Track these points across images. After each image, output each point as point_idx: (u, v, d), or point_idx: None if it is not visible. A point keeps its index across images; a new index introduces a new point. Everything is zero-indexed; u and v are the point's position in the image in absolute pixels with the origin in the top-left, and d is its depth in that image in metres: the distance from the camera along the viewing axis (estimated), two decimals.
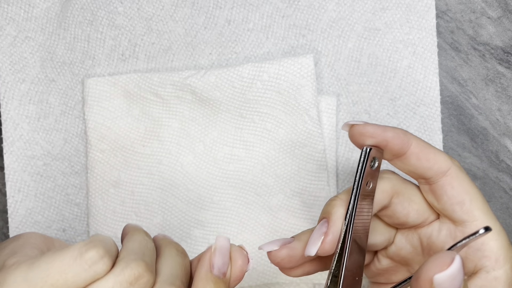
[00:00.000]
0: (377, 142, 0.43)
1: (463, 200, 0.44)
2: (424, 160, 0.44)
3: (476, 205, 0.44)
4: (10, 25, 0.59)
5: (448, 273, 0.36)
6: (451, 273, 0.36)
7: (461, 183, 0.44)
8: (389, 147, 0.43)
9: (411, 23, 0.57)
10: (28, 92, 0.59)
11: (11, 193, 0.59)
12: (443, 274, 0.36)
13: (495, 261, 0.44)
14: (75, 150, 0.59)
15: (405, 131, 0.44)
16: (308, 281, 0.57)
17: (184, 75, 0.57)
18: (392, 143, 0.43)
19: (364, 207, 0.43)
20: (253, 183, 0.58)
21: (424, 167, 0.44)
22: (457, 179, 0.44)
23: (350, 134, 0.44)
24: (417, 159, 0.44)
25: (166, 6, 0.59)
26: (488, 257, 0.44)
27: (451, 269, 0.36)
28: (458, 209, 0.44)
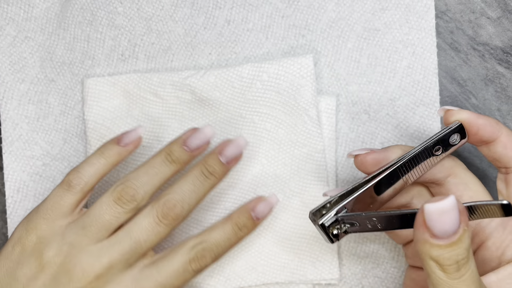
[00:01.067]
0: (466, 127, 0.47)
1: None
2: (510, 149, 0.46)
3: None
4: (10, 25, 0.59)
5: (438, 206, 0.39)
6: (440, 207, 0.39)
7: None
8: (479, 134, 0.46)
9: (411, 23, 0.57)
10: (27, 92, 0.59)
11: (10, 193, 0.59)
12: (432, 204, 0.39)
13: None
14: (75, 150, 0.59)
15: (497, 121, 0.47)
16: (308, 281, 0.57)
17: (184, 75, 0.57)
18: (483, 130, 0.46)
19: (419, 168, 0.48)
20: (253, 183, 0.57)
21: (509, 156, 0.46)
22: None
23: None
24: (504, 147, 0.46)
25: (166, 6, 0.58)
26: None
27: (441, 203, 0.39)
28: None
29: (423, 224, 0.40)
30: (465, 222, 0.40)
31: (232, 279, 0.57)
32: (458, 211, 0.40)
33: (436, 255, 0.40)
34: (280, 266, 0.57)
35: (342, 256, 0.58)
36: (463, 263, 0.41)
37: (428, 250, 0.41)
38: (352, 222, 0.47)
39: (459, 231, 0.40)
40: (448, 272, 0.41)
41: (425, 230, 0.40)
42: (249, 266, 0.57)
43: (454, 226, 0.40)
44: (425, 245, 0.41)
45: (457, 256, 0.40)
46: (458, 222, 0.40)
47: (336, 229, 0.47)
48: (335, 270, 0.57)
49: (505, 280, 0.45)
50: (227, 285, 0.57)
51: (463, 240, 0.40)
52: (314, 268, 0.57)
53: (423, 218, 0.40)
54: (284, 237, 0.57)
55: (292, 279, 0.57)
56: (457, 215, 0.39)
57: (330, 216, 0.47)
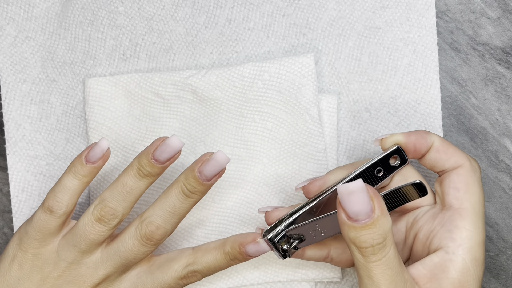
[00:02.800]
0: (403, 147, 0.50)
1: (460, 188, 0.48)
2: (442, 152, 0.49)
3: (468, 199, 0.48)
4: (10, 25, 0.59)
5: (346, 186, 0.43)
6: (348, 187, 0.43)
7: (467, 176, 0.49)
8: (417, 148, 0.49)
9: (411, 21, 0.57)
10: (29, 92, 0.59)
11: (15, 193, 0.59)
12: (342, 185, 0.43)
13: (458, 246, 0.47)
14: (77, 150, 0.59)
15: (426, 131, 0.50)
16: (310, 279, 0.57)
17: (185, 74, 0.57)
18: (419, 144, 0.49)
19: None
20: (254, 183, 0.57)
21: (442, 159, 0.49)
22: (466, 173, 0.49)
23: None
24: (437, 152, 0.49)
25: (167, 5, 0.58)
26: (453, 240, 0.47)
27: (349, 183, 0.43)
28: (452, 192, 0.49)
29: (339, 205, 0.44)
30: (380, 208, 0.43)
31: (234, 277, 0.57)
32: (367, 194, 0.43)
33: (353, 237, 0.44)
34: (282, 265, 0.57)
35: None
36: (379, 248, 0.43)
37: (346, 232, 0.44)
38: (299, 236, 0.49)
39: (373, 215, 0.43)
40: (364, 254, 0.44)
41: (341, 211, 0.44)
42: (251, 264, 0.57)
43: (366, 209, 0.43)
44: (343, 227, 0.44)
45: (372, 240, 0.43)
46: (370, 205, 0.43)
47: (285, 244, 0.50)
48: (337, 269, 0.56)
49: (431, 270, 0.47)
50: (229, 283, 0.57)
51: (377, 225, 0.43)
52: (316, 267, 0.56)
53: (338, 199, 0.44)
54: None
55: (294, 278, 0.57)
56: (366, 197, 0.43)
57: (279, 231, 0.50)
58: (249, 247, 0.51)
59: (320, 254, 0.52)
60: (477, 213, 0.48)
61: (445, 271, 0.46)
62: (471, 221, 0.47)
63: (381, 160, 0.50)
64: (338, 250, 0.52)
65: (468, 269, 0.46)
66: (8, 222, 0.60)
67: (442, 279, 0.46)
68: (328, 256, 0.52)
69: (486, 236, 0.58)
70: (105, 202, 0.51)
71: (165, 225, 0.51)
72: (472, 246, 0.47)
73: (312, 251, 0.52)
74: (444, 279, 0.46)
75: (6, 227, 0.60)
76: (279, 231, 0.50)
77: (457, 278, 0.46)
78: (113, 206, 0.51)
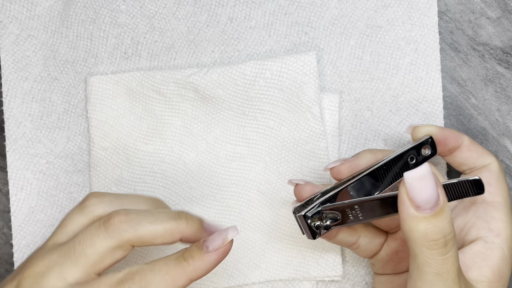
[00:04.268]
0: (435, 139, 0.51)
1: (492, 183, 0.50)
2: (473, 151, 0.51)
3: (501, 193, 0.50)
4: (13, 23, 0.59)
5: (416, 171, 0.41)
6: (419, 172, 0.41)
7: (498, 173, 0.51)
8: (447, 142, 0.51)
9: (413, 20, 0.57)
10: (31, 90, 0.59)
11: (14, 192, 0.58)
12: (411, 172, 0.41)
13: (496, 235, 0.49)
14: (78, 148, 0.59)
15: (457, 130, 0.52)
16: (311, 278, 0.57)
17: (187, 73, 0.57)
18: (450, 139, 0.51)
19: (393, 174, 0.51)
20: (256, 181, 0.57)
21: (473, 157, 0.51)
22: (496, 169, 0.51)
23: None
24: (467, 150, 0.51)
25: (169, 4, 0.58)
26: (492, 230, 0.49)
27: (418, 169, 0.41)
28: (485, 187, 0.48)
29: (407, 195, 0.41)
30: (443, 194, 0.42)
31: (236, 276, 0.56)
32: (434, 179, 0.41)
33: (424, 229, 0.41)
34: (283, 263, 0.56)
35: (346, 253, 0.57)
36: (450, 238, 0.42)
37: (415, 226, 0.41)
38: (334, 216, 0.48)
39: (440, 201, 0.41)
40: (436, 248, 0.42)
41: (409, 203, 0.41)
42: (253, 263, 0.57)
43: (434, 195, 0.41)
44: (412, 221, 0.42)
45: (444, 230, 0.41)
46: (437, 190, 0.41)
47: (318, 221, 0.48)
48: (338, 267, 0.56)
49: (472, 258, 0.48)
50: (231, 282, 0.57)
51: (445, 211, 0.42)
52: (317, 265, 0.56)
53: (405, 190, 0.41)
54: (287, 234, 0.57)
55: (295, 276, 0.56)
56: (434, 183, 0.41)
57: (313, 208, 0.48)
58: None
59: (350, 239, 0.51)
60: (508, 207, 0.50)
61: (485, 259, 0.47)
62: (505, 213, 0.50)
63: (415, 147, 0.50)
64: (366, 239, 0.52)
65: (505, 257, 0.48)
66: (8, 222, 0.59)
67: (483, 267, 0.47)
68: (356, 243, 0.52)
69: None
70: None
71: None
72: (508, 236, 0.49)
73: (344, 235, 0.51)
74: (485, 267, 0.47)
75: (6, 227, 0.60)
76: (313, 207, 0.48)
77: (496, 265, 0.47)
78: None
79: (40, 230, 0.58)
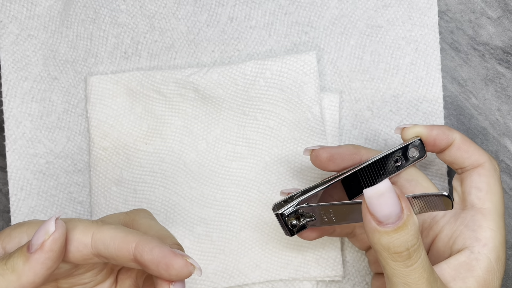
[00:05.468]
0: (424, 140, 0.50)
1: (482, 188, 0.49)
2: (463, 151, 0.49)
3: (490, 199, 0.48)
4: (13, 23, 0.58)
5: (374, 188, 0.41)
6: (377, 189, 0.41)
7: (488, 176, 0.49)
8: (437, 143, 0.50)
9: (413, 20, 0.57)
10: (30, 90, 0.58)
11: (14, 192, 0.58)
12: (370, 188, 0.41)
13: (483, 245, 0.47)
14: (78, 148, 0.59)
15: (449, 127, 0.50)
16: (312, 278, 0.56)
17: (187, 72, 0.56)
18: (439, 140, 0.49)
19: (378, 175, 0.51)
20: (256, 181, 0.57)
21: (463, 157, 0.49)
22: (487, 172, 0.49)
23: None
24: (458, 149, 0.49)
25: (169, 3, 0.58)
26: (478, 240, 0.47)
27: (377, 185, 0.41)
28: (474, 192, 0.49)
29: (368, 211, 0.42)
30: (408, 208, 0.42)
31: (236, 276, 0.56)
32: (396, 195, 0.41)
33: (386, 243, 0.42)
34: (283, 263, 0.56)
35: (346, 253, 0.57)
36: (414, 250, 0.42)
37: (378, 239, 0.42)
38: (310, 215, 0.49)
39: (403, 216, 0.41)
40: (400, 260, 0.42)
41: (370, 217, 0.42)
42: (253, 263, 0.56)
43: (396, 210, 0.41)
44: (374, 235, 0.42)
45: (407, 243, 0.41)
46: (399, 205, 0.41)
47: (295, 220, 0.49)
48: (338, 267, 0.56)
49: (457, 269, 0.47)
50: (231, 282, 0.56)
51: (408, 225, 0.41)
52: (317, 265, 0.56)
53: (366, 205, 0.42)
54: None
55: (295, 276, 0.56)
56: (395, 198, 0.41)
57: (290, 207, 0.49)
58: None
59: (347, 230, 0.52)
60: (498, 213, 0.48)
61: (471, 270, 0.46)
62: (493, 221, 0.48)
63: (401, 149, 0.50)
64: (362, 228, 0.52)
65: (492, 268, 0.47)
66: (8, 222, 0.59)
67: (468, 278, 0.46)
68: (353, 232, 0.52)
69: None
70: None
71: None
72: (496, 245, 0.47)
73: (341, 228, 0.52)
74: (470, 278, 0.46)
75: (6, 227, 0.59)
76: (291, 207, 0.49)
77: (482, 276, 0.46)
78: None
79: None
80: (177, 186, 0.57)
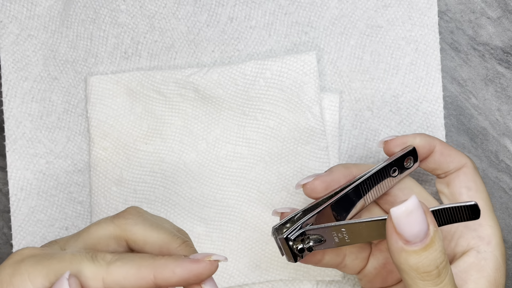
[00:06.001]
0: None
1: (471, 187, 0.48)
2: (446, 155, 0.49)
3: (481, 196, 0.48)
4: (13, 23, 0.58)
5: (403, 207, 0.39)
6: (405, 207, 0.39)
7: (474, 175, 0.49)
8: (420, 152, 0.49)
9: (413, 20, 0.57)
10: (30, 90, 0.58)
11: (14, 192, 0.58)
12: (398, 207, 0.39)
13: (487, 243, 0.47)
14: (78, 148, 0.58)
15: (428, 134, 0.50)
16: (312, 278, 0.56)
17: (187, 72, 0.56)
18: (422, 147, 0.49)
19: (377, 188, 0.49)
20: (256, 181, 0.57)
21: (446, 161, 0.49)
22: (472, 171, 0.49)
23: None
24: (440, 154, 0.49)
25: (169, 3, 0.58)
26: (482, 238, 0.47)
27: (405, 203, 0.39)
28: (464, 192, 0.48)
29: (394, 231, 0.40)
30: (434, 223, 0.40)
31: (236, 276, 0.56)
32: (423, 211, 0.40)
33: (415, 263, 0.40)
34: (283, 263, 0.56)
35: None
36: (443, 267, 0.40)
37: (405, 260, 0.40)
38: (318, 237, 0.45)
39: (430, 232, 0.40)
40: (429, 279, 0.40)
41: (397, 238, 0.40)
42: (253, 263, 0.56)
43: (424, 227, 0.39)
44: (401, 255, 0.40)
45: (436, 261, 0.40)
46: (426, 222, 0.40)
47: (300, 243, 0.45)
48: None
49: (467, 271, 0.46)
50: (231, 282, 0.56)
51: (436, 242, 0.40)
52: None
53: (392, 225, 0.40)
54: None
55: (295, 276, 0.56)
56: (423, 215, 0.39)
57: (295, 230, 0.45)
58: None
59: (337, 259, 0.49)
60: (491, 209, 0.48)
61: (481, 270, 0.46)
62: (490, 218, 0.48)
63: (397, 159, 0.49)
64: (352, 256, 0.49)
65: (500, 265, 0.46)
66: (8, 222, 0.59)
67: (479, 279, 0.45)
68: (343, 263, 0.49)
69: None
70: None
71: None
72: (498, 242, 0.47)
73: (330, 256, 0.48)
74: (481, 279, 0.45)
75: (6, 227, 0.59)
76: (296, 228, 0.44)
77: (492, 275, 0.46)
78: None
79: (40, 230, 0.58)
80: (177, 186, 0.57)
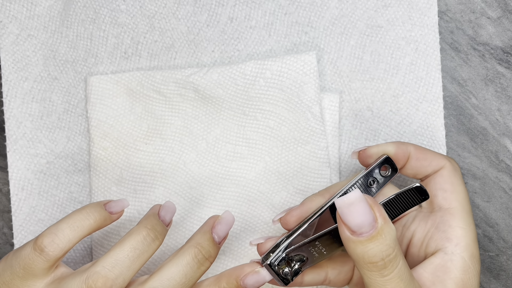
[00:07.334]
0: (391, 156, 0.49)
1: (446, 188, 0.48)
2: (422, 159, 0.49)
3: (456, 198, 0.48)
4: (13, 23, 0.58)
5: (344, 198, 0.41)
6: (347, 199, 0.41)
7: (451, 176, 0.48)
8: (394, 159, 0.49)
9: (413, 20, 0.57)
10: (31, 90, 0.58)
11: (15, 191, 0.58)
12: (340, 198, 0.41)
13: (455, 245, 0.46)
14: (78, 148, 0.58)
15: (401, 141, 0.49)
16: None
17: (187, 72, 0.56)
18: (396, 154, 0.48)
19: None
20: (256, 181, 0.57)
21: (423, 165, 0.49)
22: (449, 173, 0.48)
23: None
24: (416, 159, 0.49)
25: (169, 3, 0.58)
26: (450, 240, 0.47)
27: (347, 195, 0.41)
28: (439, 194, 0.48)
29: (341, 220, 0.42)
30: (382, 217, 0.41)
31: None
32: (367, 204, 0.41)
33: (360, 252, 0.41)
34: None
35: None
36: (389, 260, 0.41)
37: (353, 249, 0.42)
38: (300, 256, 0.46)
39: (376, 225, 0.41)
40: (375, 270, 0.42)
41: (344, 227, 0.42)
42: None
43: (368, 219, 0.41)
44: (349, 244, 0.42)
45: (382, 253, 0.41)
46: (371, 215, 0.41)
47: (286, 267, 0.46)
48: None
49: (434, 273, 0.46)
50: None
51: (383, 234, 0.41)
52: None
53: (338, 214, 0.41)
54: None
55: None
56: (366, 207, 0.41)
57: (277, 254, 0.46)
58: (248, 278, 0.46)
59: (319, 278, 0.50)
60: (466, 211, 0.48)
61: (447, 272, 0.46)
62: (462, 219, 0.47)
63: (371, 171, 0.48)
64: (335, 271, 0.50)
65: (468, 267, 0.46)
66: (8, 222, 0.59)
67: (446, 280, 0.46)
68: (326, 279, 0.50)
69: (487, 236, 0.58)
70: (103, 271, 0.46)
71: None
72: (468, 243, 0.47)
73: (311, 276, 0.49)
74: (448, 280, 0.46)
75: (6, 227, 0.59)
76: (279, 254, 0.46)
77: (459, 277, 0.46)
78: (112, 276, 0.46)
79: (41, 229, 0.58)
80: (176, 186, 0.57)
